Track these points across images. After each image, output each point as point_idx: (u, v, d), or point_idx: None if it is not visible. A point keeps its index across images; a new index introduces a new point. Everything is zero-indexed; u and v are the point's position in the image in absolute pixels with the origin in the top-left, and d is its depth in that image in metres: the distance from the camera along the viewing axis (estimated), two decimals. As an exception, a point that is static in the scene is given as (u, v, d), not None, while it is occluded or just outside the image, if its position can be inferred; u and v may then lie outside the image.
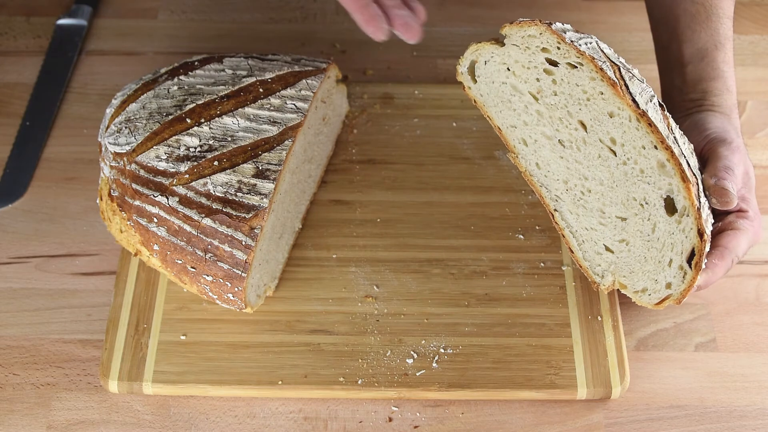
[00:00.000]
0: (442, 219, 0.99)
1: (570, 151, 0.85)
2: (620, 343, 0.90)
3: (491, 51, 0.86)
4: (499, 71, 0.86)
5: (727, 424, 0.87)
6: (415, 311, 0.92)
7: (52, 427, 0.86)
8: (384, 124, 1.08)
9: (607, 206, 0.84)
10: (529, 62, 0.84)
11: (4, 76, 1.15)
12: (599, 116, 0.82)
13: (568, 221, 0.87)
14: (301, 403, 0.88)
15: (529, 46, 0.84)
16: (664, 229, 0.81)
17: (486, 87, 0.88)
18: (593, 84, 0.81)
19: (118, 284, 0.93)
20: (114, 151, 0.90)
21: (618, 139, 0.82)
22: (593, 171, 0.84)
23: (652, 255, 0.82)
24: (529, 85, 0.85)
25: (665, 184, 0.80)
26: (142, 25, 1.21)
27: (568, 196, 0.86)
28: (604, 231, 0.85)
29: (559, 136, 0.85)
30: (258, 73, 0.94)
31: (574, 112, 0.83)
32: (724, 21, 0.95)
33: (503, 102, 0.87)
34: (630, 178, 0.82)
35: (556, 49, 0.82)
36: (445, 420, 0.87)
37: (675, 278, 0.82)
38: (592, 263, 0.86)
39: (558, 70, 0.83)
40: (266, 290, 0.92)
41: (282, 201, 0.91)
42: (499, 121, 0.88)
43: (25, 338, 0.92)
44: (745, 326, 0.94)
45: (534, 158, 0.87)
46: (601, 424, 0.87)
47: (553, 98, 0.84)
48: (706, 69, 0.94)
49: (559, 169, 0.86)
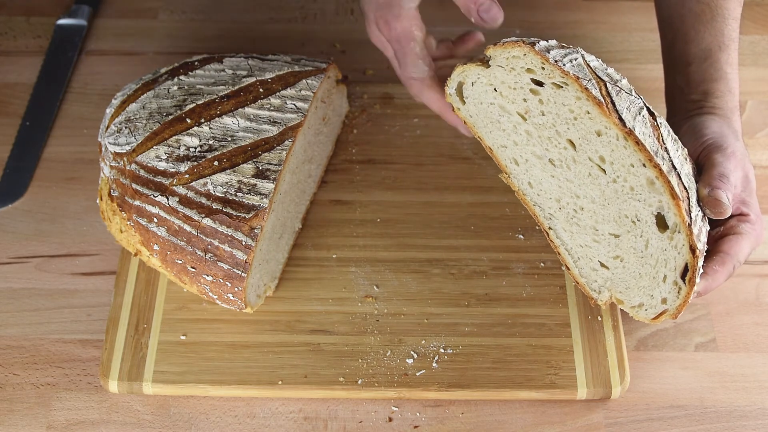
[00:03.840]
0: (442, 219, 1.00)
1: (560, 170, 0.85)
2: (620, 343, 0.90)
3: (477, 72, 0.85)
4: (486, 92, 0.86)
5: (727, 424, 0.87)
6: (415, 311, 0.92)
7: (52, 427, 0.86)
8: (384, 124, 1.08)
9: (600, 223, 0.84)
10: (515, 83, 0.84)
11: (4, 76, 1.15)
12: (587, 135, 0.82)
13: (563, 239, 0.87)
14: (301, 403, 0.88)
15: (513, 67, 0.83)
16: (657, 246, 0.81)
17: (475, 108, 0.87)
18: (579, 103, 0.81)
19: (118, 284, 0.93)
20: (114, 151, 0.90)
21: (607, 157, 0.81)
22: (584, 189, 0.84)
23: (647, 271, 0.82)
24: (517, 106, 0.85)
25: (655, 201, 0.80)
26: (142, 25, 1.21)
27: (561, 214, 0.86)
28: (599, 248, 0.85)
29: (549, 155, 0.85)
30: (258, 73, 0.94)
31: (563, 131, 0.83)
32: (730, 22, 0.95)
33: (492, 122, 0.87)
34: (621, 196, 0.82)
35: (540, 69, 0.82)
36: (445, 420, 0.87)
37: (670, 294, 0.82)
38: (588, 279, 0.86)
39: (544, 90, 0.83)
40: (266, 290, 0.92)
41: (282, 201, 0.91)
42: (489, 141, 0.88)
43: (25, 338, 0.92)
44: (745, 326, 0.94)
45: (526, 177, 0.87)
46: (601, 424, 0.87)
47: (540, 118, 0.84)
48: (708, 70, 0.93)
49: (551, 187, 0.86)
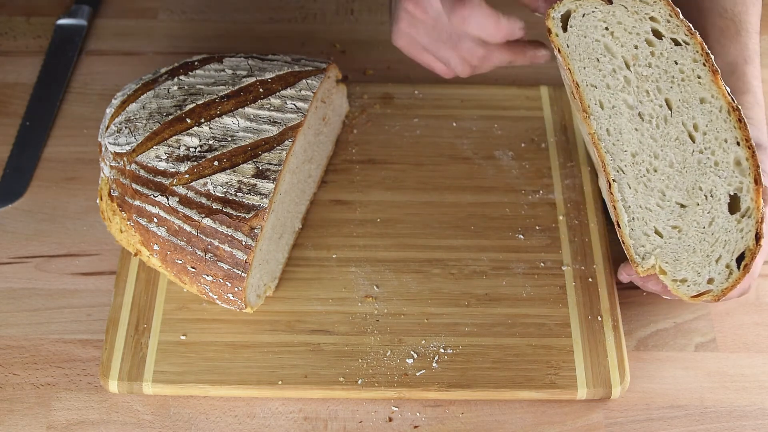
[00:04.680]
0: (442, 219, 0.99)
1: (648, 126, 0.83)
2: (620, 343, 0.90)
3: (595, 5, 0.83)
4: (596, 27, 0.84)
5: (727, 424, 0.87)
6: (415, 311, 0.92)
7: (52, 427, 0.86)
8: (384, 124, 1.08)
9: (670, 190, 0.83)
10: (633, 28, 0.82)
11: (4, 76, 1.15)
12: (689, 99, 0.80)
13: (625, 195, 0.84)
14: (301, 403, 0.88)
15: (638, 11, 0.81)
16: (721, 225, 0.80)
17: (576, 39, 0.84)
18: (694, 66, 0.80)
19: (118, 284, 0.93)
20: (114, 151, 0.90)
21: (702, 126, 0.80)
22: (666, 151, 0.82)
23: (703, 248, 0.81)
24: (625, 50, 0.83)
25: (736, 182, 0.79)
26: (142, 25, 1.21)
27: (632, 170, 0.84)
28: (660, 213, 0.83)
29: (641, 108, 0.83)
30: (258, 73, 0.94)
31: (665, 88, 0.82)
32: (753, 36, 0.95)
33: (590, 59, 0.84)
34: (702, 168, 0.81)
35: (666, 21, 0.80)
36: (445, 420, 0.87)
37: (719, 275, 0.80)
38: (636, 242, 0.84)
39: (661, 43, 0.81)
40: (266, 290, 0.92)
41: (282, 201, 0.91)
42: (579, 77, 0.85)
43: (25, 338, 0.92)
44: (745, 326, 0.94)
45: (607, 123, 0.84)
46: (601, 424, 0.87)
47: (646, 69, 0.82)
48: (736, 83, 0.94)
49: (632, 140, 0.84)
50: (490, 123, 1.08)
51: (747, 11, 0.96)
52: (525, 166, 1.04)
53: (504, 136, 1.07)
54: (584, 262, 0.96)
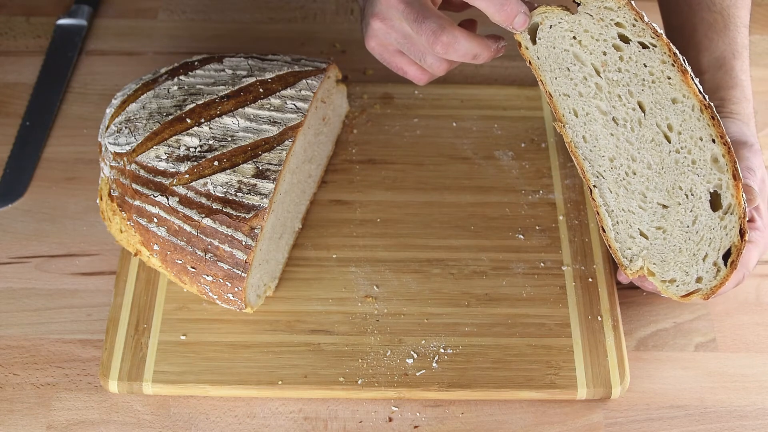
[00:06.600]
0: (442, 219, 0.99)
1: (623, 130, 0.83)
2: (620, 343, 0.90)
3: (560, 16, 0.83)
4: (564, 38, 0.84)
5: (727, 424, 0.87)
6: (415, 311, 0.92)
7: (52, 427, 0.86)
8: (384, 124, 1.08)
9: (651, 191, 0.83)
10: (599, 34, 0.82)
11: (4, 76, 1.15)
12: (661, 100, 0.81)
13: (607, 200, 0.85)
14: (301, 403, 0.88)
15: (603, 18, 0.82)
16: (705, 223, 0.80)
17: (545, 51, 0.85)
18: (663, 67, 0.80)
19: (118, 284, 0.93)
20: (114, 151, 0.90)
21: (676, 126, 0.80)
22: (643, 154, 0.83)
23: (688, 247, 0.81)
24: (594, 58, 0.83)
25: (715, 179, 0.80)
26: (142, 25, 1.21)
27: (612, 174, 0.84)
28: (643, 215, 0.83)
29: (614, 113, 0.83)
30: (258, 73, 0.94)
31: (636, 92, 0.82)
32: (741, 30, 0.95)
33: (561, 69, 0.85)
34: (680, 167, 0.81)
35: (631, 26, 0.81)
36: (445, 420, 0.87)
37: (707, 273, 0.81)
38: (622, 246, 0.85)
39: (628, 47, 0.81)
40: (266, 290, 0.92)
41: (282, 201, 0.91)
42: (552, 87, 0.86)
43: (25, 338, 0.92)
44: (745, 326, 0.94)
45: (582, 131, 0.85)
46: (601, 424, 0.87)
47: (616, 74, 0.82)
48: (724, 77, 0.93)
49: (608, 145, 0.84)
50: (490, 123, 1.08)
51: (735, 4, 0.95)
52: (525, 166, 1.04)
53: (504, 136, 1.07)
54: (584, 262, 0.96)
